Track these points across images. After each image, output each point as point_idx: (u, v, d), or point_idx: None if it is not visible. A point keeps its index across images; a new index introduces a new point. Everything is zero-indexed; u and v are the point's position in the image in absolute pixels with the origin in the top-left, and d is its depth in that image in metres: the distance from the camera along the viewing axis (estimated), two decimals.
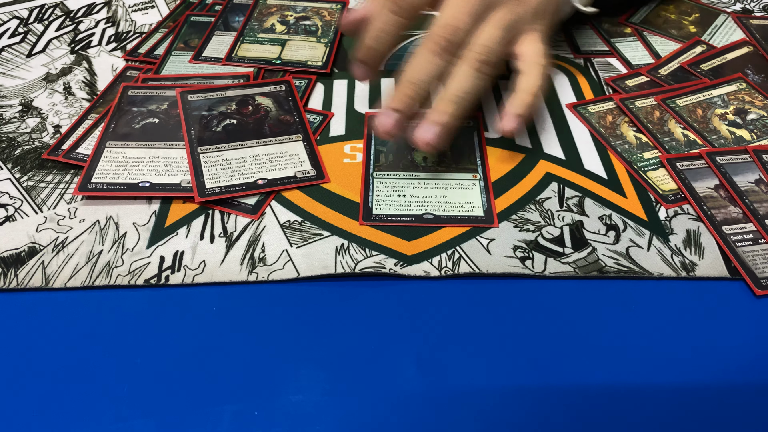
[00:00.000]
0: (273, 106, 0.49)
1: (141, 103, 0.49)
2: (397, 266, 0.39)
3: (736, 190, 0.43)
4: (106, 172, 0.44)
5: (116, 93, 0.51)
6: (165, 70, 0.54)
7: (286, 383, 0.34)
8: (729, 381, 0.34)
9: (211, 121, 0.47)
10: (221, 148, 0.45)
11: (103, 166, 0.44)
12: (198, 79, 0.52)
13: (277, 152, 0.45)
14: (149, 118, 0.48)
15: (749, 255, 0.39)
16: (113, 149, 0.45)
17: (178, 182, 0.43)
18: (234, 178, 0.43)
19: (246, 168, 0.44)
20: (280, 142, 0.45)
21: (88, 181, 0.43)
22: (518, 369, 0.34)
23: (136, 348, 0.35)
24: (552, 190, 0.44)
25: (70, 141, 0.47)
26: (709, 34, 0.59)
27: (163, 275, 0.38)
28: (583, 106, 0.51)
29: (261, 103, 0.49)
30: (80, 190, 0.43)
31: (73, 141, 0.47)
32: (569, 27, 0.60)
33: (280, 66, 0.53)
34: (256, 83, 0.51)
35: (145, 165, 0.44)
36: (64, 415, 0.32)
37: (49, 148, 0.47)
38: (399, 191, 0.44)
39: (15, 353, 0.35)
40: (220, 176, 0.43)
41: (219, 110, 0.48)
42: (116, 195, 0.43)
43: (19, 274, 0.38)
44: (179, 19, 0.60)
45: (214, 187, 0.42)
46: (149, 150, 0.45)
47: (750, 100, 0.51)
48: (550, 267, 0.39)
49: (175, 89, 0.50)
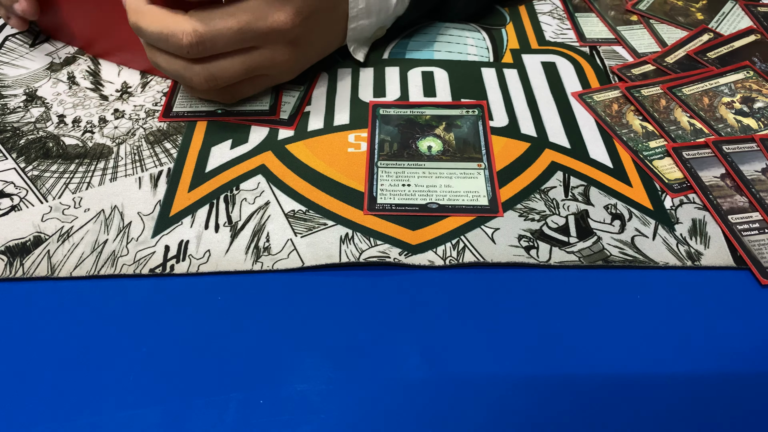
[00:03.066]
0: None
1: None
2: (401, 256, 0.39)
3: (743, 179, 0.43)
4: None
5: None
6: None
7: (291, 372, 0.34)
8: (734, 370, 0.34)
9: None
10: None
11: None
12: None
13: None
14: None
15: (755, 244, 0.39)
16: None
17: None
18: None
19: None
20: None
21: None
22: (522, 358, 0.34)
23: (141, 337, 0.35)
24: (557, 179, 0.44)
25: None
26: (717, 21, 0.59)
27: (168, 264, 0.39)
28: (589, 95, 0.51)
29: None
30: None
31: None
32: (574, 15, 0.60)
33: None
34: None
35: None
36: (69, 403, 0.32)
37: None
38: (403, 180, 0.43)
39: (21, 342, 0.35)
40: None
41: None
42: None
43: (25, 263, 0.39)
44: None
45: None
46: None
47: (757, 88, 0.50)
48: (555, 256, 0.39)
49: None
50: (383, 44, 0.57)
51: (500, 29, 0.59)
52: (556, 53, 0.56)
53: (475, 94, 0.51)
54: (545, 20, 0.61)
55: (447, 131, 0.47)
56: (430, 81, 0.53)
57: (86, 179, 0.44)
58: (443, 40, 0.57)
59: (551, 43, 0.58)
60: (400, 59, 0.55)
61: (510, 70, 0.54)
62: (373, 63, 0.55)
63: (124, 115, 0.50)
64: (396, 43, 0.57)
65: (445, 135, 0.47)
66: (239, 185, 0.43)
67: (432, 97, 0.51)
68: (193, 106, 0.50)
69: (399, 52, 0.56)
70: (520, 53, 0.56)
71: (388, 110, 0.49)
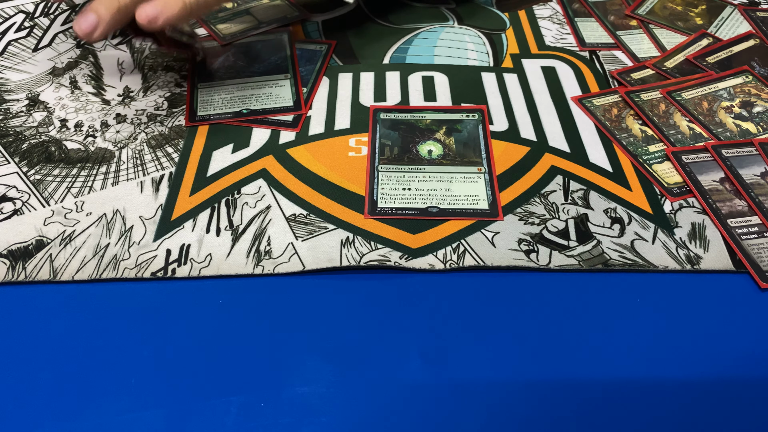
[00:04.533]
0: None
1: None
2: (402, 259, 0.39)
3: (742, 183, 0.43)
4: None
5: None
6: None
7: (292, 375, 0.34)
8: (734, 374, 0.34)
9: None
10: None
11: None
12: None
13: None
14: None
15: (754, 248, 0.39)
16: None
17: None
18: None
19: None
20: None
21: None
22: (522, 362, 0.34)
23: (143, 341, 0.35)
24: (557, 183, 0.44)
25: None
26: (716, 26, 0.59)
27: (170, 268, 0.39)
28: (589, 99, 0.51)
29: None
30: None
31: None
32: (574, 20, 0.60)
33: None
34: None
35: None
36: (72, 407, 0.32)
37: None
38: (404, 184, 0.44)
39: (23, 346, 0.35)
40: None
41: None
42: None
43: (27, 267, 0.39)
44: None
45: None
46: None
47: (756, 92, 0.50)
48: (555, 260, 0.39)
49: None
50: (384, 49, 0.57)
51: (500, 34, 0.59)
52: (555, 58, 0.56)
53: (476, 99, 0.51)
54: (545, 25, 0.61)
55: (447, 135, 0.48)
56: (431, 85, 0.53)
57: (88, 183, 0.44)
58: (443, 45, 0.58)
59: (551, 47, 0.58)
60: (400, 64, 0.55)
61: (510, 75, 0.54)
62: (374, 67, 0.55)
63: (126, 120, 0.50)
64: (397, 48, 0.57)
65: (445, 139, 0.47)
66: (240, 189, 0.44)
67: (432, 101, 0.51)
68: (217, 109, 0.50)
69: (399, 56, 0.56)
70: (520, 58, 0.56)
71: (388, 114, 0.50)
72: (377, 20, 0.61)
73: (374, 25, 0.60)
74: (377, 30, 0.60)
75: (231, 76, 0.53)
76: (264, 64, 0.54)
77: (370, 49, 0.57)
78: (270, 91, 0.51)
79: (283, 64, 0.54)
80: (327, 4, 0.62)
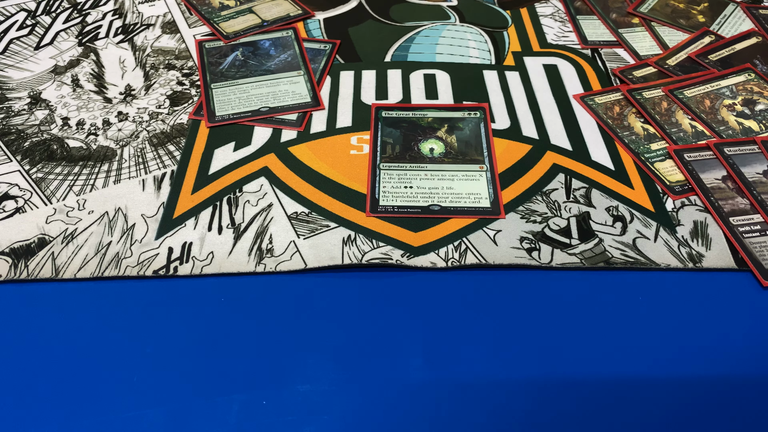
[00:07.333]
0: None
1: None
2: (403, 257, 0.39)
3: (744, 181, 0.43)
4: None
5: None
6: None
7: (294, 373, 0.34)
8: (736, 371, 0.34)
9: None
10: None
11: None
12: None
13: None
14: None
15: (756, 246, 0.39)
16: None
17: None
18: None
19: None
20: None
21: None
22: (524, 359, 0.34)
23: (145, 338, 0.35)
24: (559, 181, 0.44)
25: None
26: (718, 24, 0.59)
27: (172, 266, 0.39)
28: (591, 97, 0.51)
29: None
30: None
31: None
32: (576, 18, 0.60)
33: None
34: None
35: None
36: (74, 404, 0.33)
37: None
38: (406, 183, 0.44)
39: (25, 343, 0.35)
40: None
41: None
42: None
43: (30, 265, 0.39)
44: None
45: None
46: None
47: (759, 90, 0.50)
48: (557, 258, 0.39)
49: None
50: (386, 47, 0.57)
51: (502, 32, 0.59)
52: (557, 56, 0.56)
53: (477, 97, 0.51)
54: (547, 23, 0.61)
55: (449, 133, 0.48)
56: (432, 83, 0.53)
57: (90, 181, 0.44)
58: (445, 43, 0.58)
59: (553, 45, 0.58)
60: (402, 62, 0.55)
61: (512, 73, 0.54)
62: (376, 66, 0.55)
63: (128, 118, 0.50)
64: (398, 46, 0.57)
65: (447, 137, 0.47)
66: (242, 187, 0.44)
67: (434, 99, 0.51)
68: (235, 108, 0.50)
69: (401, 54, 0.56)
70: (521, 56, 0.56)
71: (390, 112, 0.50)
72: (379, 18, 0.61)
73: (376, 23, 0.60)
74: (379, 28, 0.60)
75: (243, 75, 0.53)
76: (275, 61, 0.55)
77: (371, 46, 0.57)
78: (286, 89, 0.51)
79: (294, 61, 0.54)
80: (329, 2, 0.62)
